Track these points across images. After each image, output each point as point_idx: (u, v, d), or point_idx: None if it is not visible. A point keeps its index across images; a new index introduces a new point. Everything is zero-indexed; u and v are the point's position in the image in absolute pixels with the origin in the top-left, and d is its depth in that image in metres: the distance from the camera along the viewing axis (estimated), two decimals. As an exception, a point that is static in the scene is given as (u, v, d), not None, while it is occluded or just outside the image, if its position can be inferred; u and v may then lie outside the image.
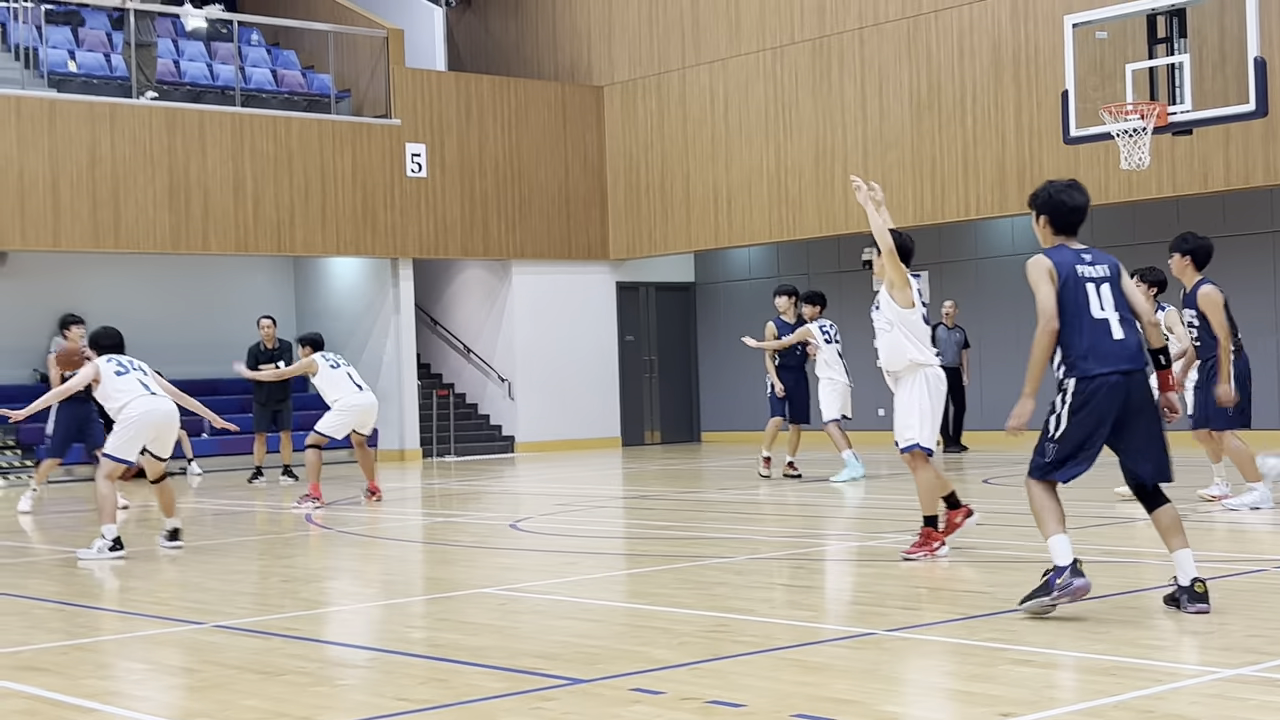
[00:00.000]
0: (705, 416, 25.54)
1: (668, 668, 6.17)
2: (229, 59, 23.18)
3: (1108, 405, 6.99)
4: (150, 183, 20.54)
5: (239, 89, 22.49)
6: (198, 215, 20.89)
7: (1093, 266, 7.27)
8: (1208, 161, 18.19)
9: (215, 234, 21.05)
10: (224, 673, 6.41)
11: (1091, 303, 7.13)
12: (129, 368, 10.92)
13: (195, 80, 22.59)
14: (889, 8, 21.10)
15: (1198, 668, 5.80)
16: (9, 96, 19.87)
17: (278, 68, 23.86)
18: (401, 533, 12.78)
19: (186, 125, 20.94)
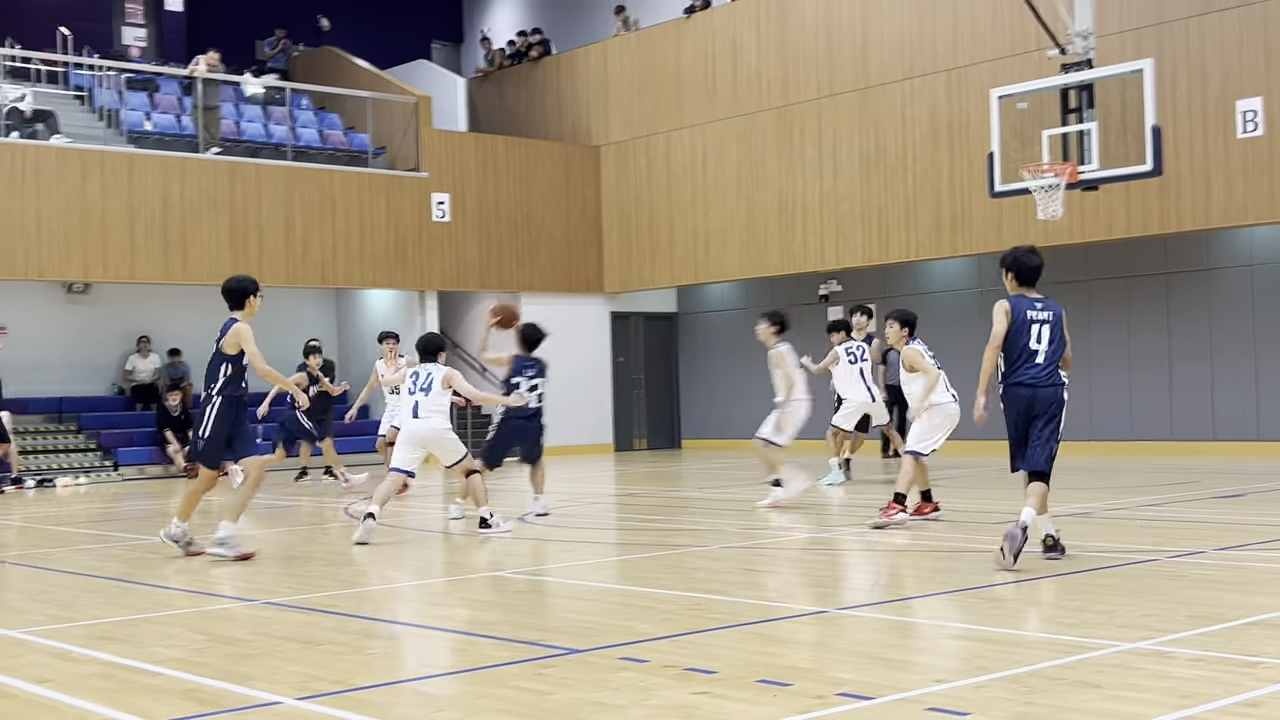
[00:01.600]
0: (685, 426, 25.51)
1: (651, 640, 6.15)
2: (282, 120, 23.17)
3: (1021, 406, 8.38)
4: (214, 225, 20.52)
5: (290, 146, 22.47)
6: (254, 253, 20.86)
7: (1040, 312, 8.43)
8: (1112, 213, 18.24)
9: (269, 269, 21.01)
10: (270, 643, 6.39)
11: (1032, 338, 8.33)
12: (413, 389, 11.12)
13: (253, 138, 22.57)
14: (842, 81, 21.15)
15: (1101, 641, 5.79)
16: (94, 151, 19.84)
17: (323, 128, 23.85)
18: (425, 524, 12.74)
19: (245, 176, 20.92)
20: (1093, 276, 19.91)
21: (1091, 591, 7.27)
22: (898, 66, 20.46)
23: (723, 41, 22.81)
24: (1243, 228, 17.95)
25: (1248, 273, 18.69)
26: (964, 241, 19.78)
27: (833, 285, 23.07)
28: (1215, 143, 17.31)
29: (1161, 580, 7.61)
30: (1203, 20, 17.44)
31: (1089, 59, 14.75)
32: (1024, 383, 8.28)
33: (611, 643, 6.13)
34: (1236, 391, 18.71)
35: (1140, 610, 6.62)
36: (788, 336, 12.89)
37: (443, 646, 6.28)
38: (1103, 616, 6.42)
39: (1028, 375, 8.28)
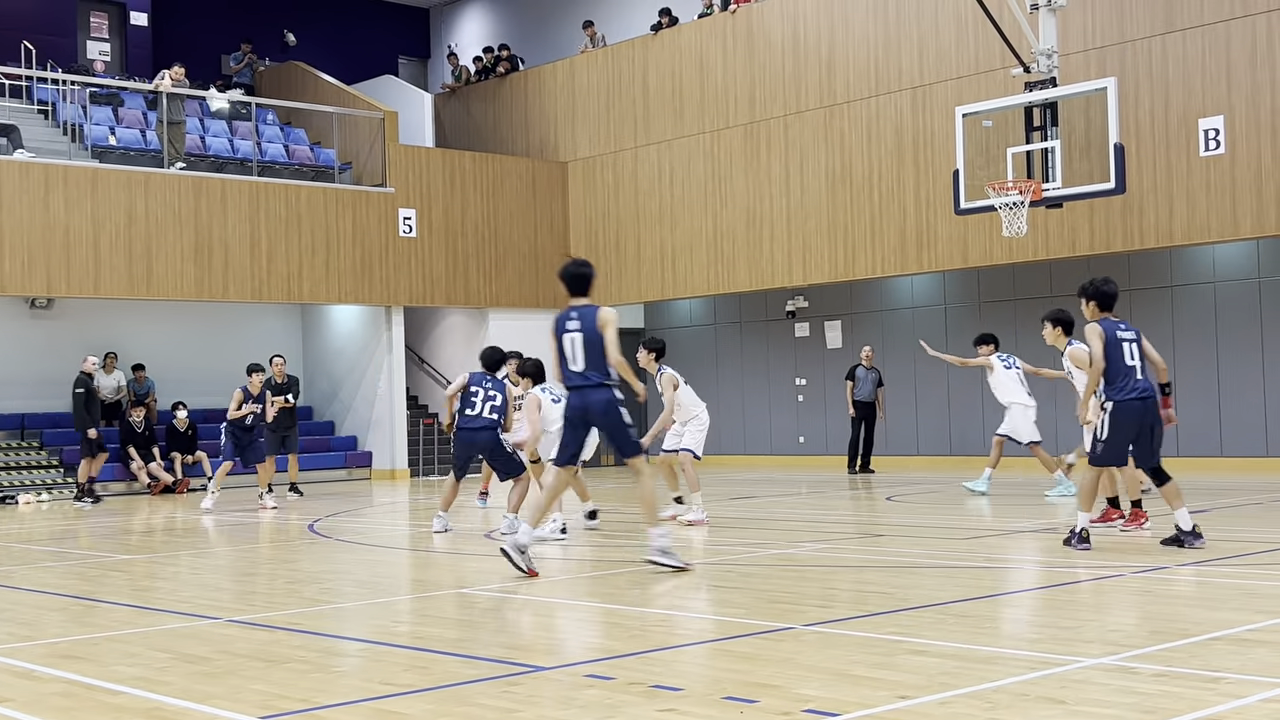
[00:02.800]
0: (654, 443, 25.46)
1: (618, 657, 6.14)
2: (248, 135, 23.09)
3: (1137, 418, 9.44)
4: (179, 240, 20.41)
5: (256, 161, 22.39)
6: (219, 268, 20.76)
7: (1126, 331, 9.61)
8: (1075, 230, 18.39)
9: (234, 284, 20.92)
10: (234, 660, 6.34)
11: (1125, 355, 9.47)
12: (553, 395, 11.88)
13: (218, 153, 22.48)
14: (809, 98, 21.26)
15: (1066, 657, 5.82)
16: (57, 166, 19.71)
17: (289, 143, 23.78)
18: (391, 540, 12.69)
19: (210, 192, 20.83)
20: (1056, 294, 20.03)
21: (1056, 607, 7.31)
22: (863, 84, 20.58)
23: (690, 58, 22.89)
24: (1205, 245, 18.13)
25: (1210, 289, 18.87)
26: (929, 258, 19.90)
27: (800, 301, 23.15)
28: (1178, 161, 17.49)
29: (1126, 596, 7.65)
30: (1165, 39, 17.63)
31: (1053, 77, 14.89)
32: (1135, 397, 9.43)
33: (578, 660, 6.11)
34: (1200, 408, 18.87)
35: (1105, 626, 6.66)
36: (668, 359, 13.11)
37: (408, 664, 6.25)
38: (1067, 632, 6.45)
39: (1136, 389, 9.42)
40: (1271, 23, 16.80)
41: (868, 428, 20.48)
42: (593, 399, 8.97)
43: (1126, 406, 9.41)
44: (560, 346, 9.16)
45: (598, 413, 8.98)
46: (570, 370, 9.08)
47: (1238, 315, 18.59)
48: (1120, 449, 9.56)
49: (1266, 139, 16.78)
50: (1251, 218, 16.93)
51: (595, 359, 8.98)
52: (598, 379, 8.99)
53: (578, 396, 9.06)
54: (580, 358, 9.01)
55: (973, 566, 9.37)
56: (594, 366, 8.99)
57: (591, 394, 8.98)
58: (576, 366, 9.05)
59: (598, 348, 8.97)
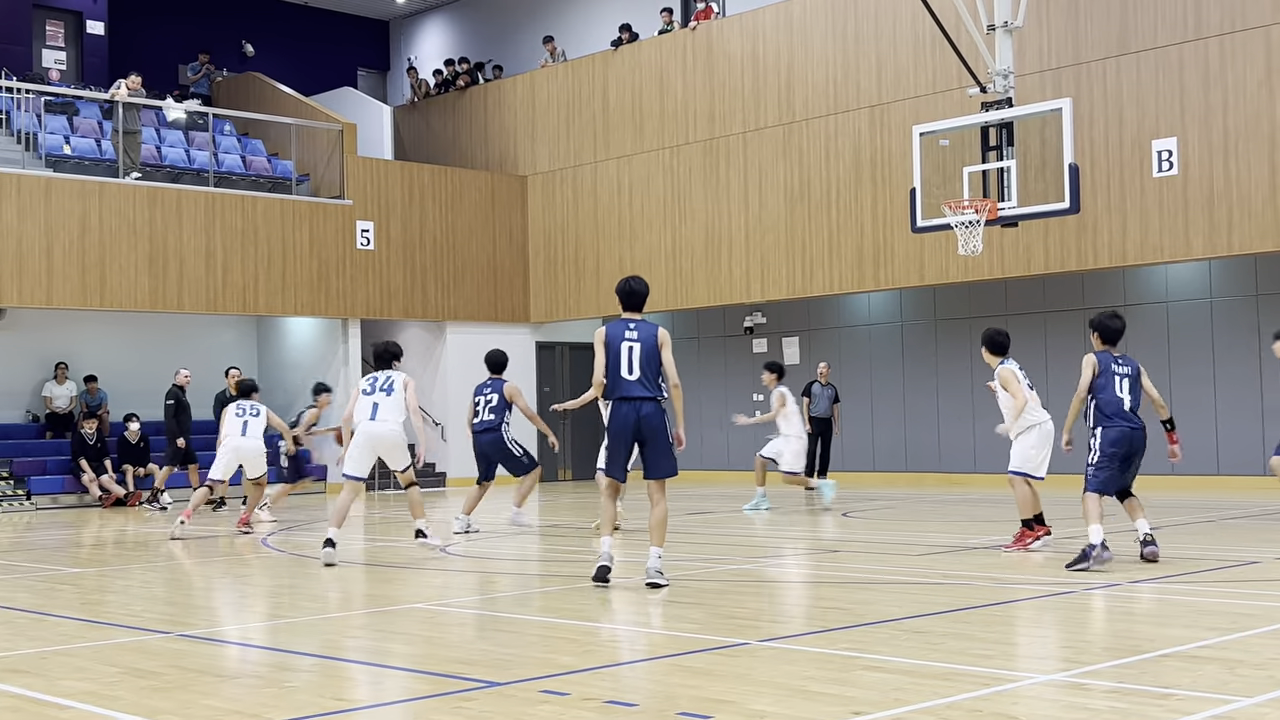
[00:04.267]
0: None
1: (572, 672, 6.12)
2: (204, 146, 22.94)
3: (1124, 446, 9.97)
4: (133, 250, 20.24)
5: (212, 172, 22.24)
6: (174, 279, 20.60)
7: (1121, 367, 10.14)
8: (1030, 249, 18.55)
9: (189, 295, 20.77)
10: (185, 676, 6.28)
11: (1116, 387, 10.04)
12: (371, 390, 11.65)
13: (174, 163, 22.32)
14: (768, 116, 21.36)
15: (1018, 673, 5.85)
16: (11, 174, 19.51)
17: (246, 154, 23.65)
18: (345, 555, 12.61)
19: (165, 202, 20.67)
20: (1011, 312, 20.22)
21: (1009, 623, 7.35)
22: (822, 102, 20.69)
23: (649, 74, 22.95)
24: (1158, 265, 18.32)
25: (1163, 309, 19.07)
26: (886, 275, 20.01)
27: (757, 318, 23.22)
28: (1131, 181, 17.68)
29: (1078, 612, 7.70)
30: (1119, 61, 17.83)
31: (1009, 97, 15.02)
32: (1122, 426, 10.03)
33: (531, 675, 6.09)
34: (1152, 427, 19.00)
35: (1056, 642, 6.70)
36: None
37: (359, 679, 6.20)
38: (1020, 648, 6.49)
39: (1123, 421, 10.03)
40: (1224, 45, 17.03)
41: (824, 444, 20.52)
42: (646, 410, 8.99)
43: (1112, 434, 9.98)
44: (614, 354, 9.04)
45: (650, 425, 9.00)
46: (624, 379, 8.99)
47: (1190, 335, 18.80)
48: (1113, 474, 9.97)
49: (1218, 160, 17.00)
50: (1203, 238, 17.13)
51: (650, 372, 8.97)
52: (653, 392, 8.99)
53: (630, 407, 9.00)
54: (636, 367, 8.98)
55: (928, 582, 9.41)
56: (649, 378, 8.97)
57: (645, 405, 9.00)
58: (632, 375, 8.98)
59: (655, 361, 9.00)
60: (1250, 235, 16.81)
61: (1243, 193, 16.81)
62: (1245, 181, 16.81)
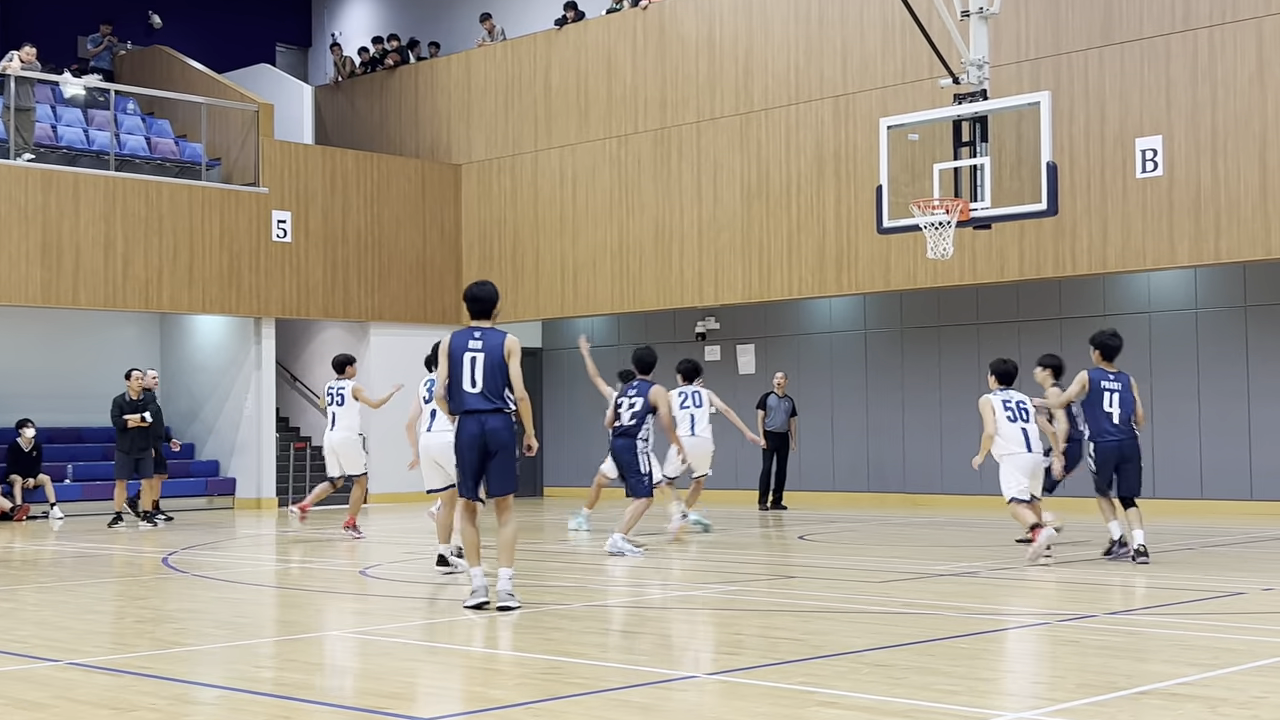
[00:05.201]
0: (549, 472, 25.47)
1: (505, 707, 6.11)
2: (105, 126, 22.72)
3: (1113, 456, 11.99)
4: (24, 239, 20.00)
5: (113, 154, 22.03)
6: (69, 271, 20.37)
7: (1112, 382, 12.16)
8: (1004, 254, 18.73)
9: (85, 289, 20.54)
10: (77, 708, 6.20)
11: (1105, 402, 12.04)
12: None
13: (71, 144, 22.09)
14: (724, 104, 21.44)
15: (988, 711, 5.90)
16: (-112, 152, 19.23)
17: (152, 135, 23.45)
18: (255, 577, 12.51)
19: (61, 186, 20.44)
20: (983, 320, 20.40)
21: (976, 657, 7.41)
22: (783, 91, 20.80)
23: (596, 56, 22.98)
24: (1140, 272, 18.55)
25: (1145, 319, 19.31)
26: (850, 279, 20.13)
27: (710, 323, 23.29)
28: (1113, 182, 17.90)
29: (1051, 646, 7.78)
30: (1103, 53, 18.05)
31: (983, 90, 15.16)
32: (1109, 439, 11.96)
33: (461, 710, 6.07)
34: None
35: (1028, 678, 6.76)
36: None
37: (270, 713, 6.15)
38: (988, 684, 6.54)
39: (1110, 432, 11.95)
40: (1213, 38, 17.29)
41: (780, 460, 20.61)
42: (491, 424, 9.14)
43: (1102, 446, 12.02)
44: (456, 366, 9.20)
45: (497, 439, 9.14)
46: (466, 392, 9.18)
47: (1173, 347, 19.04)
48: (1107, 479, 12.06)
49: (1206, 161, 17.25)
50: (1189, 244, 17.37)
51: (495, 384, 9.16)
52: (498, 404, 9.16)
53: (474, 421, 9.16)
54: (479, 380, 9.14)
55: (889, 612, 9.47)
56: (492, 391, 9.15)
57: (490, 419, 9.15)
58: (474, 388, 9.16)
59: (501, 372, 9.15)
60: (1239, 242, 17.06)
61: (1231, 196, 17.06)
62: (1234, 184, 17.06)
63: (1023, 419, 12.23)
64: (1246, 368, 18.48)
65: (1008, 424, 12.16)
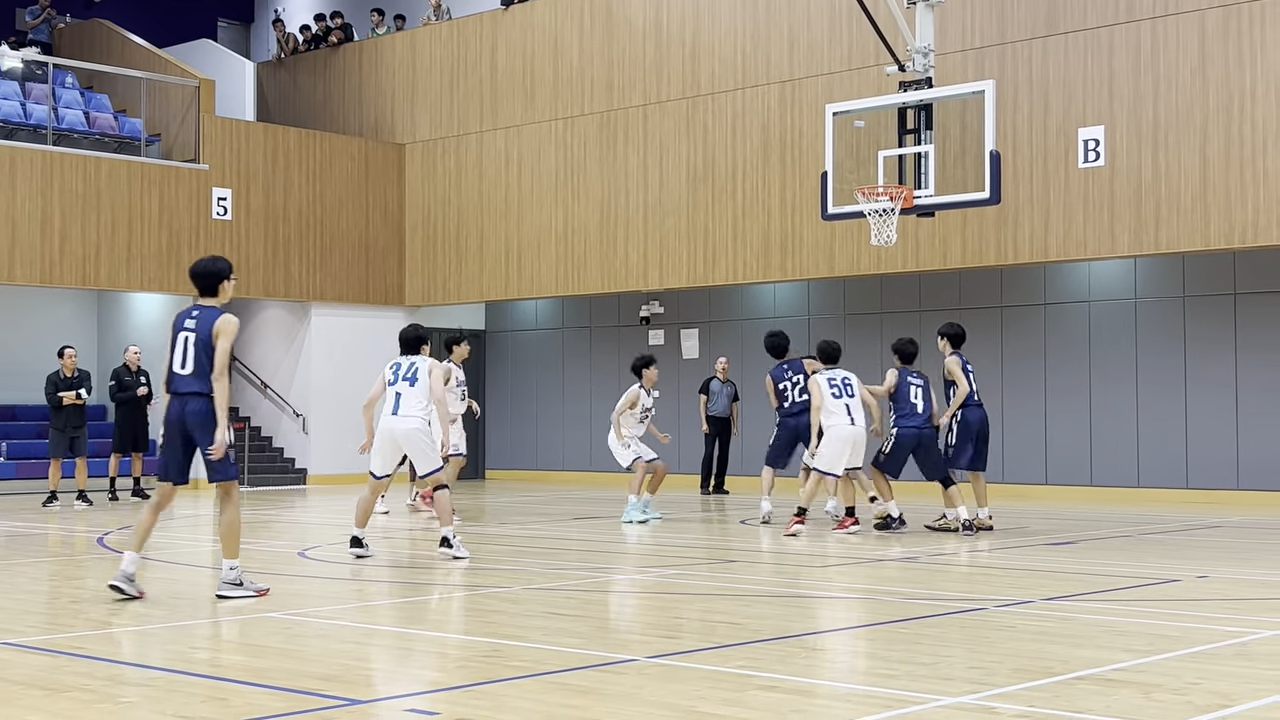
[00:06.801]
0: (491, 455, 25.41)
1: (443, 690, 6.10)
2: (42, 99, 22.40)
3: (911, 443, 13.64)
4: (-42, 213, 19.71)
5: (51, 128, 21.73)
6: (4, 247, 20.09)
7: (917, 380, 13.77)
8: (947, 241, 18.85)
9: (21, 265, 20.27)
10: (9, 689, 6.14)
11: (910, 394, 13.67)
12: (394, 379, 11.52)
13: (8, 118, 21.77)
14: (670, 88, 21.43)
15: (923, 695, 5.95)
16: None
17: (90, 110, 23.15)
18: (191, 558, 12.41)
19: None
20: (925, 308, 20.53)
21: (914, 641, 7.47)
22: (729, 75, 20.82)
23: (543, 37, 22.89)
24: (1081, 261, 18.73)
25: (1085, 308, 19.50)
26: (794, 265, 20.19)
27: (655, 307, 23.30)
28: (1056, 172, 18.05)
29: (987, 631, 7.86)
30: (1046, 43, 18.19)
31: (929, 78, 15.23)
32: (911, 428, 13.58)
33: (398, 692, 6.06)
34: (1069, 434, 19.48)
35: (965, 662, 6.83)
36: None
37: (206, 694, 6.11)
38: (925, 668, 6.60)
39: (913, 424, 13.58)
40: (1155, 29, 17.45)
41: (722, 445, 20.66)
42: (191, 407, 8.86)
43: (903, 433, 13.58)
44: (173, 344, 8.98)
45: (196, 422, 8.85)
46: (176, 373, 8.92)
47: (1112, 337, 19.25)
48: (901, 461, 13.62)
49: (1148, 152, 17.42)
50: (1130, 234, 17.55)
51: (204, 364, 8.86)
52: (201, 387, 8.85)
53: (177, 402, 8.89)
54: (190, 360, 8.86)
55: (829, 597, 9.53)
56: (201, 371, 8.86)
57: (191, 401, 8.86)
58: (184, 369, 8.89)
59: (209, 352, 8.85)
60: (1179, 233, 17.25)
61: (1172, 187, 17.25)
62: (1175, 175, 17.25)
63: (847, 395, 13.62)
64: (1184, 358, 18.71)
65: (833, 399, 13.54)
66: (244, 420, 23.76)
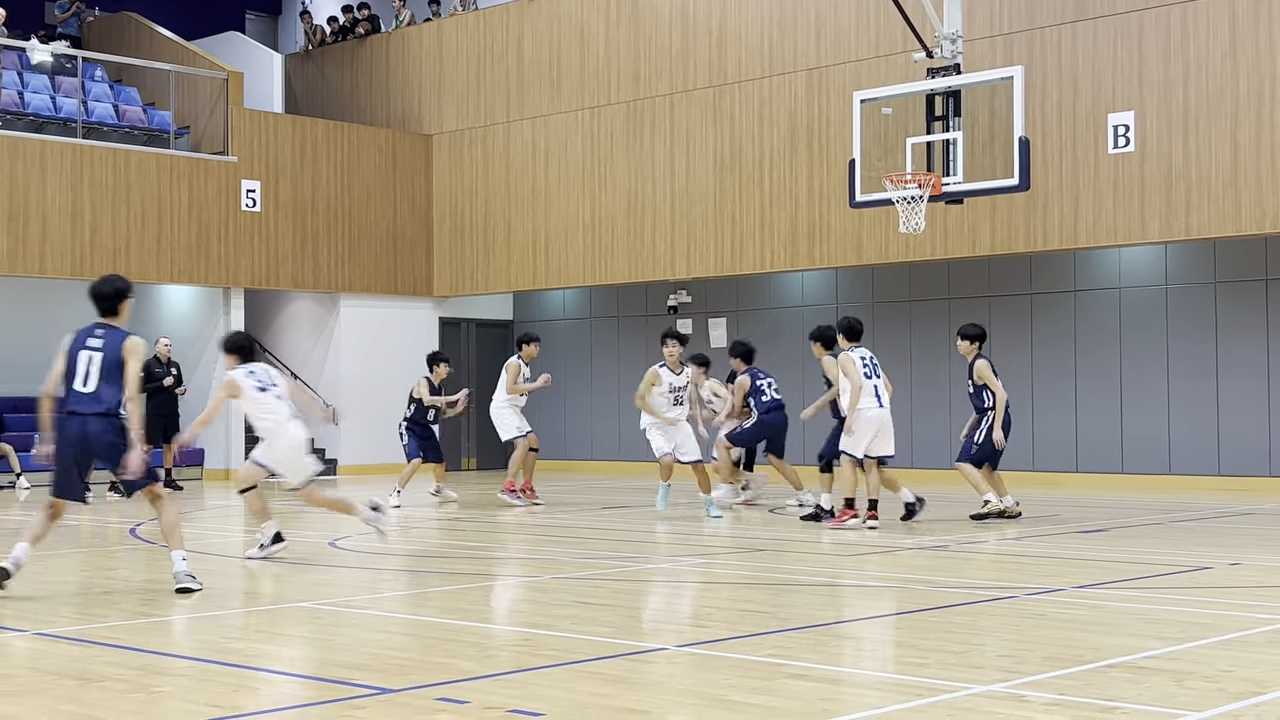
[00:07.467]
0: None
1: (473, 679, 6.11)
2: (72, 92, 22.51)
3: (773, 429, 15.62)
4: (-10, 207, 19.84)
5: (81, 122, 21.84)
6: (35, 239, 20.22)
7: (763, 379, 15.38)
8: (976, 229, 18.77)
9: (52, 258, 20.40)
10: (42, 679, 6.18)
11: (766, 389, 15.36)
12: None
13: (39, 111, 21.89)
14: (697, 77, 21.39)
15: (953, 683, 5.93)
16: None
17: (120, 103, 23.25)
18: (223, 548, 12.48)
19: (28, 154, 20.27)
20: (954, 295, 20.45)
21: (944, 630, 7.45)
22: (756, 64, 20.76)
23: (569, 27, 22.88)
24: (1111, 248, 18.63)
25: (1115, 295, 19.39)
26: (821, 253, 20.15)
27: (682, 296, 23.28)
28: (1085, 158, 17.94)
29: (1018, 619, 7.83)
30: (1075, 28, 18.07)
31: (957, 64, 15.16)
32: (775, 416, 15.47)
33: (428, 682, 6.07)
34: (1101, 421, 19.39)
35: (995, 650, 6.80)
36: None
37: (237, 684, 6.15)
38: (955, 657, 6.58)
39: (775, 412, 15.33)
40: (1185, 13, 17.32)
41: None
42: (93, 427, 8.78)
43: (769, 421, 15.48)
44: (71, 363, 8.88)
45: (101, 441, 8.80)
46: (76, 391, 8.83)
47: (1143, 323, 19.14)
48: (775, 447, 15.58)
49: (1178, 137, 17.30)
50: (1160, 220, 17.44)
51: (111, 384, 8.79)
52: (105, 407, 8.78)
53: (78, 422, 8.81)
54: (94, 379, 8.79)
55: (859, 585, 9.51)
56: (106, 392, 8.79)
57: (92, 422, 8.78)
58: (86, 388, 8.81)
59: (117, 373, 8.79)
60: (1209, 218, 17.14)
61: (1203, 173, 17.13)
62: (1205, 160, 17.13)
63: (875, 375, 13.05)
64: (1215, 344, 18.59)
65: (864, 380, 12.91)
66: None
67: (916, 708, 5.51)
